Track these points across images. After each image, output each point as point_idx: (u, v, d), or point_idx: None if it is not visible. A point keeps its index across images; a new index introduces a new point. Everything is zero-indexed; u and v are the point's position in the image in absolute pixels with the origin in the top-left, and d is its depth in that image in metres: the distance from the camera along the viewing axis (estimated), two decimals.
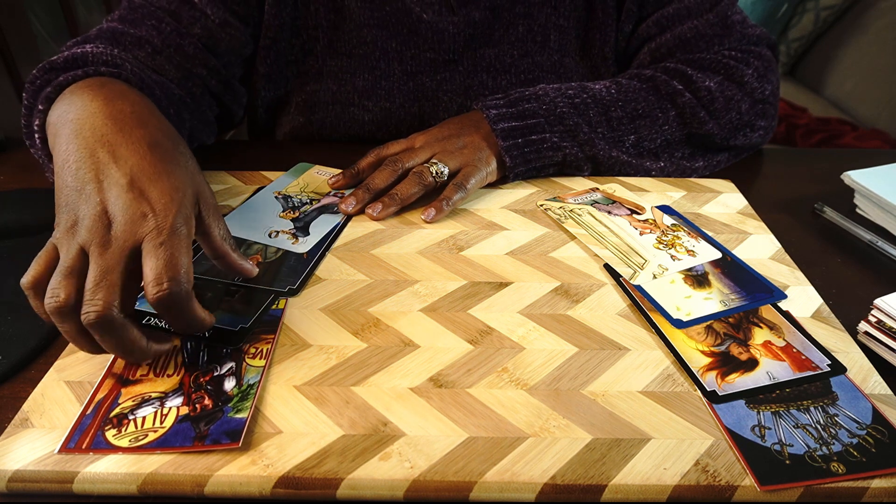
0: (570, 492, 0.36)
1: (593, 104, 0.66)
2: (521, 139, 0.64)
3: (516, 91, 0.67)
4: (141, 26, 0.65)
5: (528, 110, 0.65)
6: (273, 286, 0.50)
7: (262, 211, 0.60)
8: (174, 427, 0.38)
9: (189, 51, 0.66)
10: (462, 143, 0.64)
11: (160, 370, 0.43)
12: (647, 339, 0.46)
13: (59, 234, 0.41)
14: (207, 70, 0.68)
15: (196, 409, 0.40)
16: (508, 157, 0.64)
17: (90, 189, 0.42)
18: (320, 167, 0.68)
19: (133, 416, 0.39)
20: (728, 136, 0.69)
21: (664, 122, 0.67)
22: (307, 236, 0.56)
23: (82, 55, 0.56)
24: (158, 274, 0.39)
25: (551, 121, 0.65)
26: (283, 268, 0.52)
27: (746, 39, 0.72)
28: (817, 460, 0.37)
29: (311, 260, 0.53)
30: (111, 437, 0.38)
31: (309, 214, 0.60)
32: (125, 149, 0.44)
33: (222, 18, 0.68)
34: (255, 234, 0.56)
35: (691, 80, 0.67)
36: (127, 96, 0.49)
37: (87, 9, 1.65)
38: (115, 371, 0.43)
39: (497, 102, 0.66)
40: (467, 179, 0.61)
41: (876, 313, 0.46)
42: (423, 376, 0.42)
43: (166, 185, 0.42)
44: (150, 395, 0.41)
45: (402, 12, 0.71)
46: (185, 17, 0.67)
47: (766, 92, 0.70)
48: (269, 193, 0.63)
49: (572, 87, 0.67)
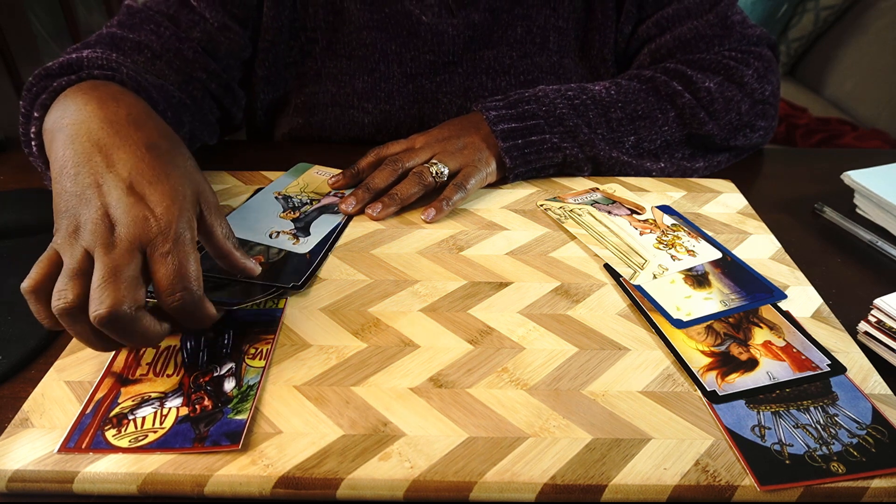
0: (570, 492, 0.36)
1: (593, 105, 0.66)
2: (520, 140, 0.64)
3: (516, 92, 0.67)
4: (140, 31, 0.65)
5: (528, 112, 0.65)
6: (277, 282, 0.50)
7: (263, 212, 0.60)
8: (174, 428, 0.38)
9: (188, 55, 0.66)
10: (462, 144, 0.64)
11: (160, 370, 0.43)
12: (647, 339, 0.46)
13: (60, 240, 0.41)
14: (207, 74, 0.68)
15: (196, 409, 0.40)
16: (508, 158, 0.64)
17: (90, 194, 0.42)
18: (320, 167, 0.68)
19: (133, 417, 0.39)
20: (728, 137, 0.69)
21: (664, 122, 0.67)
22: (308, 236, 0.56)
23: (77, 60, 0.56)
24: (171, 284, 0.39)
25: (551, 122, 0.65)
26: (286, 268, 0.52)
27: (746, 40, 0.72)
28: (817, 460, 0.37)
29: (315, 260, 0.53)
30: (111, 437, 0.38)
31: (309, 215, 0.60)
32: (122, 151, 0.44)
33: (221, 22, 0.68)
34: (256, 235, 0.56)
35: (691, 81, 0.67)
36: (121, 98, 0.49)
37: (87, 9, 1.65)
38: (114, 370, 0.43)
39: (496, 104, 0.66)
40: (467, 180, 0.61)
41: (876, 313, 0.46)
42: (423, 376, 0.42)
43: (166, 187, 0.42)
44: (150, 395, 0.41)
45: (402, 14, 0.71)
46: (183, 22, 0.67)
47: (766, 92, 0.70)
48: (268, 194, 0.63)
49: (572, 88, 0.67)
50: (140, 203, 0.41)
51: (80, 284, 0.39)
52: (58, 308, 0.38)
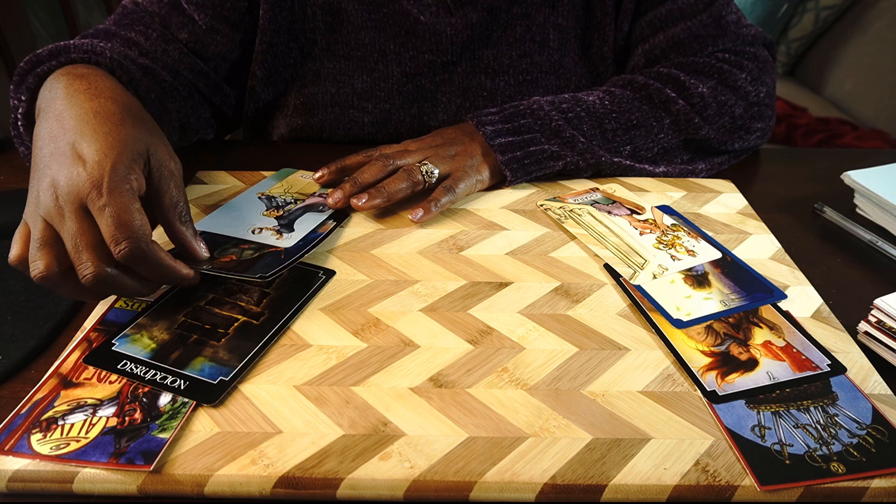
0: (570, 492, 0.36)
1: (587, 117, 0.65)
2: (519, 152, 0.64)
3: (510, 105, 0.66)
4: (130, 30, 0.66)
5: (524, 126, 0.64)
6: (245, 274, 0.49)
7: (246, 210, 0.59)
8: (97, 439, 0.37)
9: (174, 55, 0.67)
10: (455, 151, 0.63)
11: (104, 375, 0.42)
12: (647, 339, 0.46)
13: (27, 212, 0.44)
14: (194, 74, 0.69)
15: (125, 421, 0.38)
16: (509, 171, 0.63)
17: (43, 164, 0.45)
18: (304, 171, 0.67)
19: (63, 422, 0.38)
20: (725, 140, 0.69)
21: (659, 130, 0.67)
22: (292, 232, 0.56)
23: (65, 46, 0.57)
24: (113, 235, 0.41)
25: (547, 135, 0.64)
26: (257, 264, 0.50)
27: (741, 39, 0.72)
28: (817, 460, 0.37)
29: (289, 259, 0.51)
30: (35, 441, 0.37)
31: (294, 212, 0.59)
32: (72, 120, 0.46)
33: (209, 24, 0.68)
34: (237, 231, 0.55)
35: (684, 87, 0.67)
36: (90, 76, 0.51)
37: (86, 9, 1.65)
38: (60, 371, 0.42)
39: (492, 118, 0.65)
40: (457, 184, 0.60)
41: (876, 313, 0.46)
42: (423, 376, 0.42)
43: (102, 143, 0.44)
44: (86, 402, 0.40)
45: (400, 14, 0.71)
46: (173, 23, 0.67)
47: (762, 94, 0.70)
48: (251, 194, 0.62)
49: (566, 99, 0.67)
50: (74, 161, 0.43)
51: (48, 254, 0.42)
52: (35, 278, 0.41)
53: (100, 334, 0.45)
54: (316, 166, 0.68)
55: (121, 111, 0.47)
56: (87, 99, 0.47)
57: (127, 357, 0.43)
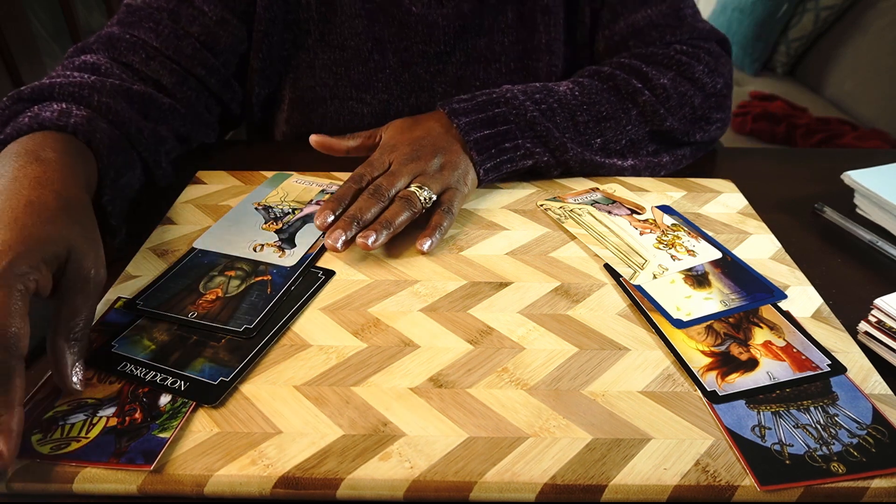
0: (570, 492, 0.36)
1: (560, 109, 0.65)
2: (494, 149, 0.63)
3: (482, 93, 0.65)
4: (139, 28, 0.65)
5: (499, 116, 0.63)
6: (228, 325, 0.46)
7: (244, 223, 0.58)
8: (97, 439, 0.37)
9: (188, 51, 0.66)
10: (439, 165, 0.60)
11: (105, 375, 0.42)
12: (647, 339, 0.46)
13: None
14: (206, 70, 0.68)
15: (125, 421, 0.39)
16: (482, 171, 0.62)
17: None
18: (298, 175, 0.67)
19: (63, 422, 0.38)
20: (687, 131, 0.70)
21: (627, 122, 0.67)
22: (294, 248, 0.55)
23: (49, 86, 0.55)
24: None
25: (522, 126, 0.64)
26: (242, 304, 0.48)
27: (696, 33, 0.74)
28: (817, 460, 0.37)
29: (275, 297, 0.49)
30: (35, 441, 0.37)
31: (293, 225, 0.58)
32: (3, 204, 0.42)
33: (220, 16, 0.68)
34: (238, 250, 0.54)
35: (647, 78, 0.68)
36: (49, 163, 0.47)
37: (87, 9, 1.65)
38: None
39: (464, 106, 0.64)
40: (452, 204, 0.58)
41: (876, 313, 0.46)
42: (423, 376, 0.42)
43: (14, 235, 0.40)
44: (87, 402, 0.40)
45: (392, 4, 0.72)
46: (183, 17, 0.67)
47: (718, 85, 0.71)
48: (247, 205, 0.61)
49: (538, 89, 0.66)
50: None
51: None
52: None
53: (99, 335, 0.45)
54: (316, 165, 0.68)
55: (58, 207, 0.44)
56: (30, 187, 0.44)
57: (126, 358, 0.43)
